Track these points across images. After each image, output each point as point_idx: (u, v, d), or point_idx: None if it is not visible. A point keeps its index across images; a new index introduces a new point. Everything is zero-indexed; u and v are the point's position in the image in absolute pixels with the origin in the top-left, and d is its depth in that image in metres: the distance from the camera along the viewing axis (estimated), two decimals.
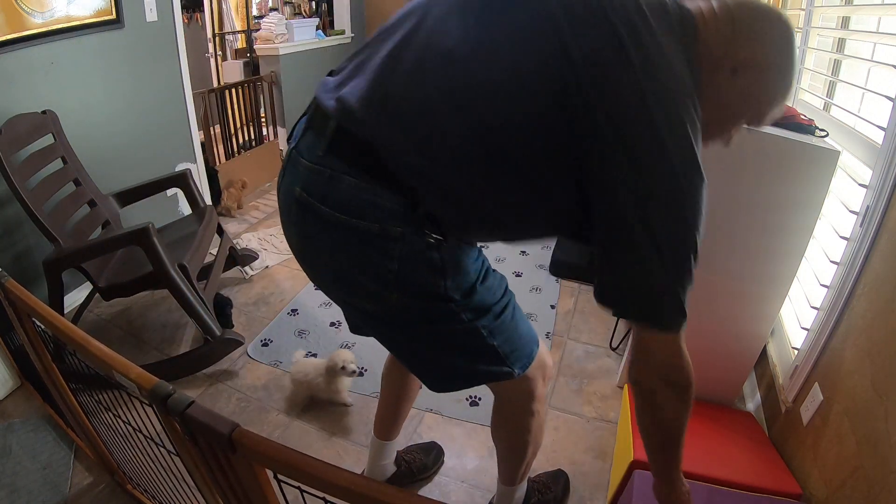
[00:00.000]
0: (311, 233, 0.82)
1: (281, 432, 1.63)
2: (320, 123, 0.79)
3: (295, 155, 0.83)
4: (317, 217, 0.79)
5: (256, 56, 3.75)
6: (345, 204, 0.76)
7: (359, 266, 0.80)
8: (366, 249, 0.78)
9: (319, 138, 0.78)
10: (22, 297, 0.99)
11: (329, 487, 0.58)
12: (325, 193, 0.77)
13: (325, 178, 0.77)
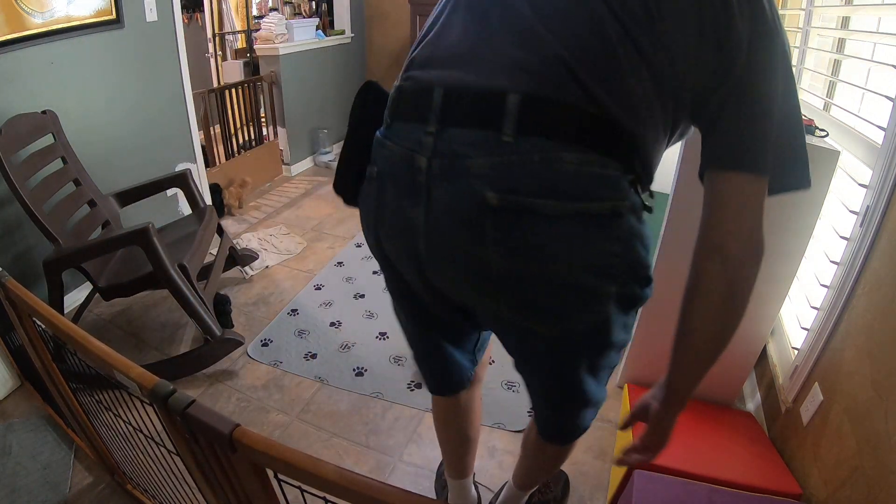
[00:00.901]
0: (525, 243, 0.64)
1: (281, 432, 1.63)
2: (486, 107, 0.63)
3: (446, 163, 0.65)
4: (534, 218, 0.62)
5: (256, 56, 3.75)
6: (572, 188, 0.61)
7: (582, 262, 0.64)
8: (593, 238, 0.63)
9: (494, 123, 0.62)
10: (22, 296, 0.99)
11: (329, 487, 0.58)
12: (540, 184, 0.62)
13: (533, 166, 0.61)
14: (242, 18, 5.19)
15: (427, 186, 0.67)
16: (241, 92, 3.34)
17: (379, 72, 4.47)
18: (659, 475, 1.18)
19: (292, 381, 1.84)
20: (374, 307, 2.25)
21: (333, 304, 2.27)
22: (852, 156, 1.40)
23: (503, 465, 1.52)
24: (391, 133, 0.73)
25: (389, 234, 0.78)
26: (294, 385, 1.82)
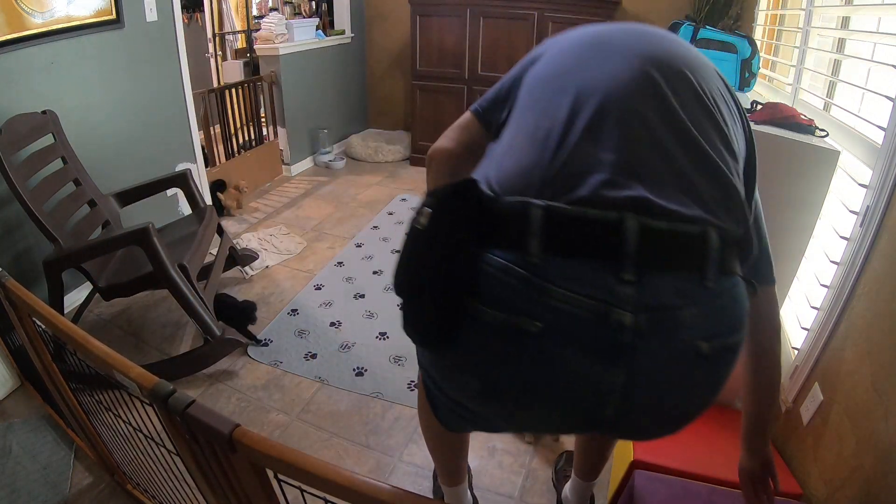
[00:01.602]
0: (724, 377, 0.65)
1: (281, 432, 1.63)
2: (690, 248, 0.58)
3: (656, 317, 0.57)
4: (732, 354, 0.63)
5: (256, 56, 3.75)
6: (743, 317, 0.64)
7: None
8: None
9: (698, 266, 0.59)
10: (22, 296, 0.99)
11: (329, 487, 0.58)
12: (734, 321, 0.62)
13: (730, 306, 0.62)
14: (242, 18, 5.19)
15: (632, 345, 0.57)
16: (241, 92, 3.34)
17: (379, 72, 4.47)
18: (659, 475, 1.18)
19: (292, 381, 1.84)
20: (374, 307, 2.25)
21: (333, 304, 2.27)
22: (852, 156, 1.40)
23: (503, 465, 1.52)
24: (555, 275, 0.57)
25: (552, 398, 0.63)
26: (294, 385, 1.82)
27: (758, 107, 1.65)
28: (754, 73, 2.20)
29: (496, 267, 0.59)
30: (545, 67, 0.76)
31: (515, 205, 0.58)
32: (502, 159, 0.68)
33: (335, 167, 3.95)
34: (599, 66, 0.68)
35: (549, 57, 0.77)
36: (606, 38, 0.75)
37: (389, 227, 3.00)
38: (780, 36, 2.49)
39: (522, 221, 0.57)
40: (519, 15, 3.37)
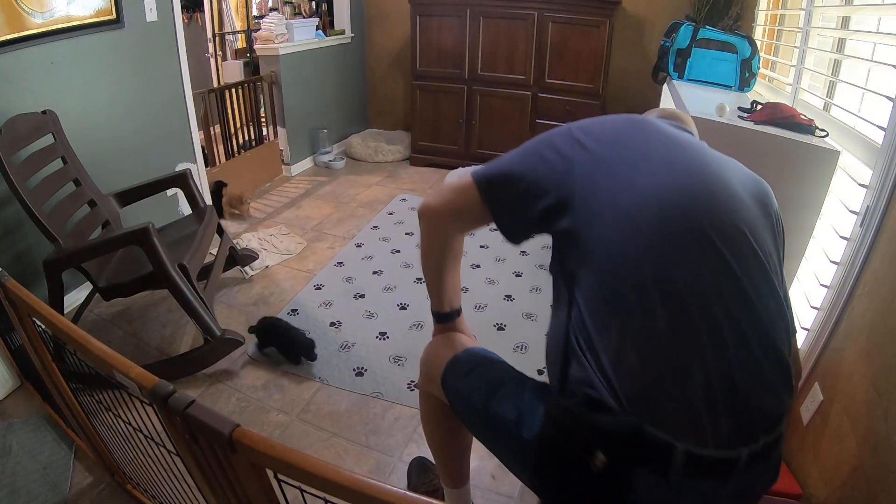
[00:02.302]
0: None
1: (281, 432, 1.63)
2: (770, 452, 0.73)
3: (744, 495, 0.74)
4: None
5: (256, 56, 3.75)
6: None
7: None
8: None
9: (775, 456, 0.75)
10: (22, 296, 0.99)
11: (329, 487, 0.58)
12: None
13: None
14: (242, 18, 5.19)
15: None
16: (241, 92, 3.34)
17: (379, 72, 4.47)
18: None
19: (292, 381, 1.84)
20: (374, 307, 2.25)
21: (333, 304, 2.27)
22: (852, 156, 1.40)
23: (503, 465, 1.52)
24: (688, 489, 0.69)
25: None
26: (294, 385, 1.82)
27: (758, 107, 1.65)
28: (754, 73, 2.20)
29: (641, 480, 0.69)
30: (610, 219, 0.72)
31: (660, 442, 0.66)
32: (616, 365, 0.69)
33: (335, 167, 3.95)
34: (672, 247, 0.71)
35: (607, 198, 0.73)
36: (659, 184, 0.73)
37: (389, 227, 3.00)
38: (780, 36, 2.49)
39: (666, 455, 0.67)
40: (519, 15, 3.37)
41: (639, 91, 3.65)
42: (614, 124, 0.82)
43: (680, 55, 2.32)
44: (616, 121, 0.83)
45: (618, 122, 0.82)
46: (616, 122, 0.82)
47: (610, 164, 0.75)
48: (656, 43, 2.97)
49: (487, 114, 3.71)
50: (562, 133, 0.81)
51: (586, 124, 0.81)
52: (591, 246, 0.72)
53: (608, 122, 0.83)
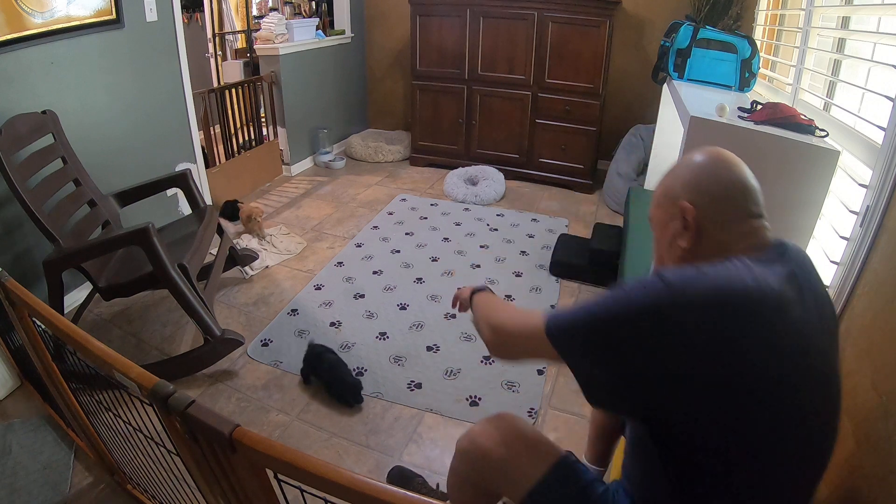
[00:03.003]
0: None
1: (281, 432, 1.63)
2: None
3: None
4: None
5: (256, 56, 3.75)
6: None
7: None
8: None
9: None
10: (22, 296, 0.99)
11: (329, 487, 0.58)
12: None
13: None
14: (242, 18, 5.19)
15: None
16: (241, 92, 3.34)
17: (379, 72, 4.47)
18: None
19: (292, 381, 1.84)
20: (374, 307, 2.25)
21: (333, 304, 2.27)
22: (852, 156, 1.40)
23: None
24: None
25: None
26: (294, 385, 1.82)
27: (758, 107, 1.65)
28: (754, 73, 2.20)
29: None
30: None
31: None
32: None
33: (335, 167, 3.95)
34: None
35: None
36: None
37: (389, 227, 3.00)
38: (780, 36, 2.49)
39: None
40: (519, 15, 3.37)
41: (639, 91, 3.66)
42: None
43: (680, 55, 2.32)
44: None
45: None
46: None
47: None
48: (656, 43, 2.97)
49: (487, 114, 3.71)
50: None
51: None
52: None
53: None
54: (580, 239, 2.72)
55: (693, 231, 0.78)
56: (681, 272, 0.69)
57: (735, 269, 0.69)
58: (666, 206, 0.82)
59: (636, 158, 3.31)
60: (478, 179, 3.58)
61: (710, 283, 0.67)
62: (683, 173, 0.82)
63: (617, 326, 0.69)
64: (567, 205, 3.41)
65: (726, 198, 0.77)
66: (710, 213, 0.77)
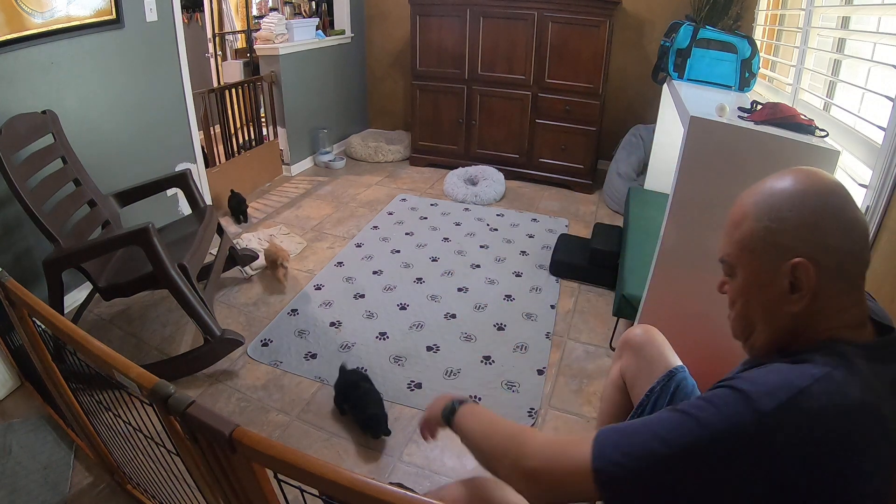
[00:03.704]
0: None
1: (281, 432, 1.63)
2: None
3: None
4: None
5: (256, 56, 3.75)
6: None
7: None
8: None
9: None
10: (22, 296, 0.99)
11: (329, 487, 0.58)
12: None
13: None
14: (242, 18, 5.19)
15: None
16: (241, 92, 3.34)
17: (379, 71, 4.47)
18: None
19: (292, 381, 1.84)
20: (374, 307, 2.25)
21: (333, 304, 2.27)
22: (852, 156, 1.40)
23: None
24: None
25: None
26: (294, 385, 1.82)
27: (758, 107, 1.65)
28: (754, 73, 2.20)
29: None
30: None
31: None
32: None
33: (335, 167, 3.95)
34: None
35: None
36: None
37: (389, 227, 3.00)
38: (780, 36, 2.49)
39: None
40: (519, 15, 3.37)
41: (639, 91, 3.66)
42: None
43: (680, 55, 2.31)
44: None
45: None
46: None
47: None
48: (656, 43, 2.97)
49: (487, 114, 3.71)
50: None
51: None
52: None
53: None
54: (580, 239, 2.72)
55: (808, 297, 0.61)
56: (764, 382, 0.56)
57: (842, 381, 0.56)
58: (766, 257, 0.64)
59: (636, 158, 3.31)
60: (478, 179, 3.58)
61: (811, 404, 0.54)
62: (794, 213, 0.62)
63: (691, 463, 0.55)
64: (567, 205, 3.41)
65: (852, 251, 0.61)
66: (833, 272, 0.61)
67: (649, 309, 1.67)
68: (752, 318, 0.68)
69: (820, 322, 0.62)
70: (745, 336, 0.70)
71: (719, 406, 0.56)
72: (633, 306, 1.84)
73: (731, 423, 0.54)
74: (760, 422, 0.53)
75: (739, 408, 0.55)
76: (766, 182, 0.67)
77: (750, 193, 0.68)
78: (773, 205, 0.64)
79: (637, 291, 1.82)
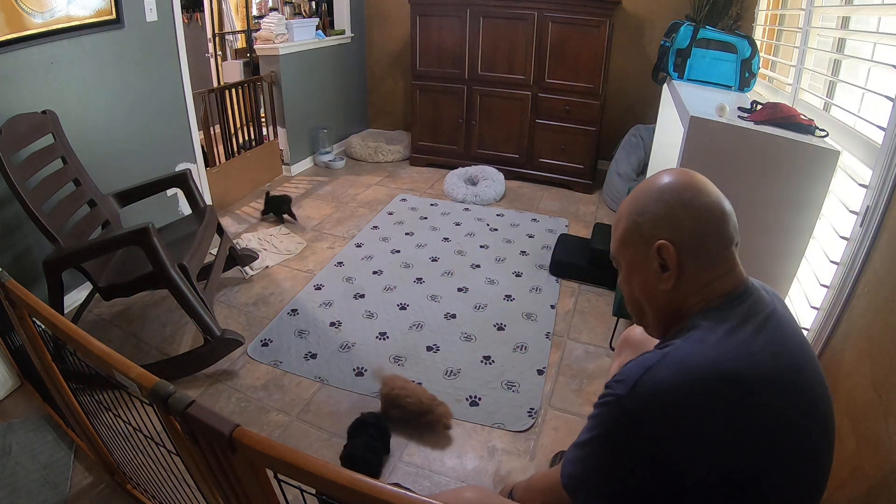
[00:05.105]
0: None
1: (281, 432, 1.63)
2: None
3: None
4: None
5: (256, 56, 3.74)
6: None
7: None
8: None
9: None
10: (22, 296, 0.99)
11: (329, 487, 0.58)
12: None
13: None
14: (242, 18, 5.19)
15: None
16: (241, 92, 3.34)
17: (379, 72, 4.47)
18: None
19: (292, 381, 1.84)
20: (374, 307, 2.25)
21: (333, 304, 2.27)
22: (852, 156, 1.40)
23: (503, 465, 1.52)
24: None
25: None
26: (294, 385, 1.82)
27: (758, 107, 1.65)
28: (754, 73, 2.20)
29: None
30: None
31: None
32: None
33: (335, 167, 3.95)
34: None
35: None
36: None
37: (389, 227, 3.00)
38: (780, 36, 2.49)
39: None
40: (519, 15, 3.37)
41: (639, 91, 3.66)
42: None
43: (680, 55, 2.31)
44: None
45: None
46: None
47: None
48: (656, 43, 2.97)
49: (487, 114, 3.71)
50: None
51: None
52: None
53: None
54: (580, 239, 2.72)
55: (675, 273, 0.72)
56: (633, 372, 0.66)
57: (702, 348, 0.66)
58: (636, 245, 0.76)
59: (636, 158, 3.31)
60: (478, 179, 3.58)
61: (673, 373, 0.64)
62: (653, 207, 0.74)
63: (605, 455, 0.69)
64: (567, 205, 3.41)
65: (706, 232, 0.72)
66: (691, 251, 0.72)
67: None
68: (638, 301, 0.80)
69: (690, 297, 0.73)
70: (639, 318, 0.83)
71: (600, 405, 0.69)
72: None
73: (607, 416, 0.68)
74: (622, 406, 0.65)
75: (609, 399, 0.67)
76: (638, 186, 0.80)
77: (626, 198, 0.80)
78: (638, 202, 0.77)
79: None
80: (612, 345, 2.04)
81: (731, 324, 0.68)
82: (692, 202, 0.72)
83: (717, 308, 0.71)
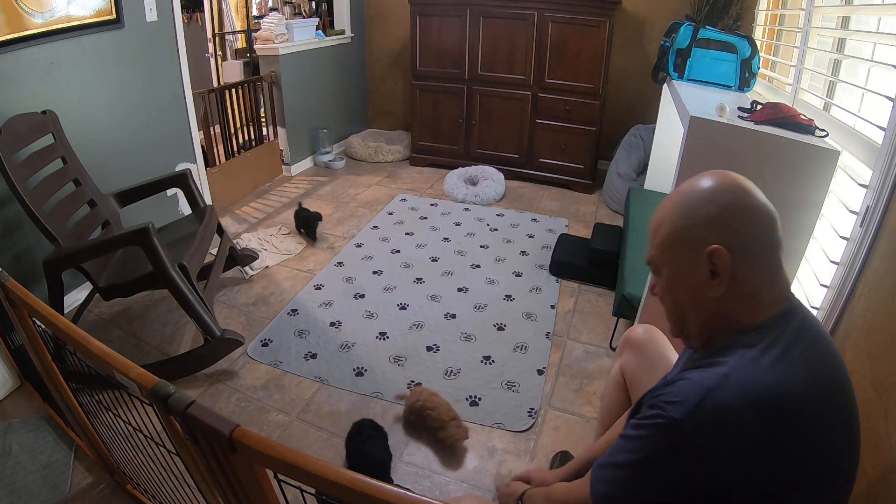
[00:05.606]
0: None
1: (281, 432, 1.63)
2: None
3: None
4: None
5: (256, 56, 3.75)
6: None
7: None
8: None
9: None
10: (22, 296, 0.99)
11: (329, 487, 0.58)
12: None
13: None
14: (242, 18, 5.18)
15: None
16: (241, 92, 3.34)
17: (379, 72, 4.47)
18: None
19: (292, 381, 1.84)
20: (374, 307, 2.25)
21: (333, 304, 2.27)
22: (852, 156, 1.40)
23: (503, 465, 1.52)
24: None
25: None
26: (294, 385, 1.82)
27: (758, 107, 1.65)
28: (754, 73, 2.20)
29: None
30: None
31: None
32: None
33: (335, 167, 3.95)
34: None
35: None
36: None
37: (389, 227, 3.00)
38: (780, 36, 2.49)
39: None
40: (519, 15, 3.37)
41: (639, 91, 3.66)
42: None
43: (680, 55, 2.31)
44: None
45: None
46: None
47: None
48: (656, 43, 2.97)
49: (487, 114, 3.71)
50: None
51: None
52: None
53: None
54: (580, 239, 2.72)
55: (727, 280, 0.68)
56: (688, 392, 0.63)
57: (753, 373, 0.63)
58: (682, 250, 0.72)
59: (636, 158, 3.31)
60: (478, 179, 3.58)
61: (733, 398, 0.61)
62: (704, 209, 0.70)
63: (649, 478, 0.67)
64: (567, 205, 3.41)
65: (759, 236, 0.69)
66: (744, 256, 0.68)
67: (649, 309, 1.67)
68: (682, 310, 0.75)
69: (738, 305, 0.69)
70: (679, 328, 0.78)
71: (646, 426, 0.66)
72: (633, 306, 1.84)
73: (658, 439, 0.64)
74: (680, 429, 0.62)
75: (660, 422, 0.64)
76: (680, 188, 0.75)
77: (667, 201, 0.76)
78: (687, 204, 0.72)
79: (637, 291, 1.82)
80: (613, 345, 2.04)
81: (784, 343, 0.66)
82: (745, 204, 0.69)
83: (767, 325, 0.68)
